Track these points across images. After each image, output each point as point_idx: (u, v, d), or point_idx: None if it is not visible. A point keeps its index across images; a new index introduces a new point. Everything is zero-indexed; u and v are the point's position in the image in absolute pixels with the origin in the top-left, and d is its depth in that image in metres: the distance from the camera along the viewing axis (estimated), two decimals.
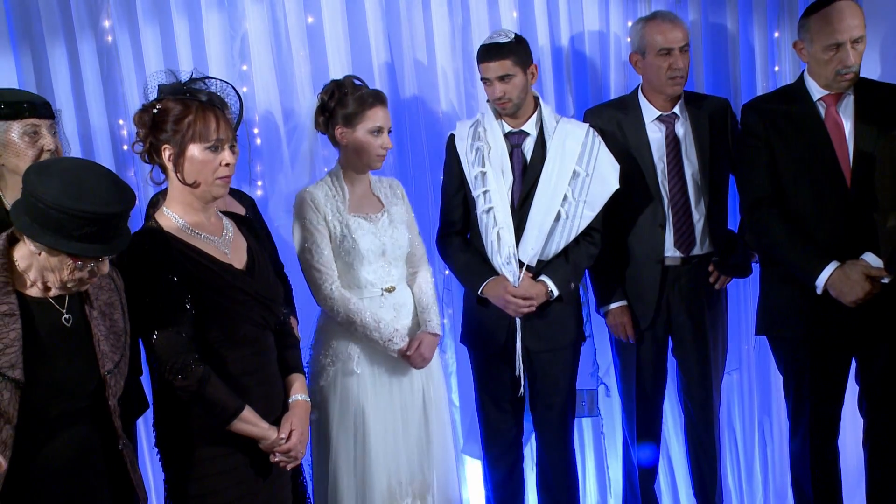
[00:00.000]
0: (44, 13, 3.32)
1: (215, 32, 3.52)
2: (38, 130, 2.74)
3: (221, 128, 2.53)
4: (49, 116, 2.78)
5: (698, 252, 3.62)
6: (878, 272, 3.19)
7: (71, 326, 2.28)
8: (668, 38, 3.51)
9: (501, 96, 3.39)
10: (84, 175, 2.17)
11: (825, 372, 3.41)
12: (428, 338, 3.26)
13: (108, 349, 2.32)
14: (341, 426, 3.17)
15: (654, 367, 3.70)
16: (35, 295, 2.25)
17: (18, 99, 2.74)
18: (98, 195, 2.14)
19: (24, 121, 2.71)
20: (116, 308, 2.39)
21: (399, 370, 3.25)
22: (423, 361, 3.24)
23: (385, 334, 3.16)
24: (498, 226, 3.40)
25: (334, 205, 3.19)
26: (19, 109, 2.71)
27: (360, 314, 3.14)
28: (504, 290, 3.39)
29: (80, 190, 2.13)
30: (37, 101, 2.78)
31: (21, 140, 2.71)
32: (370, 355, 3.21)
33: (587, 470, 4.10)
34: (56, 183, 2.13)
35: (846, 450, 3.77)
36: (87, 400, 2.29)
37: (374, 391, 3.20)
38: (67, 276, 2.21)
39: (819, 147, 3.31)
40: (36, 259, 2.21)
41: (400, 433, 3.24)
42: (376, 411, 3.19)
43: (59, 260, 2.19)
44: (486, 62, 3.38)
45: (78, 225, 2.13)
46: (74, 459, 2.28)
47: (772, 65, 4.12)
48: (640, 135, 3.60)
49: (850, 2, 3.28)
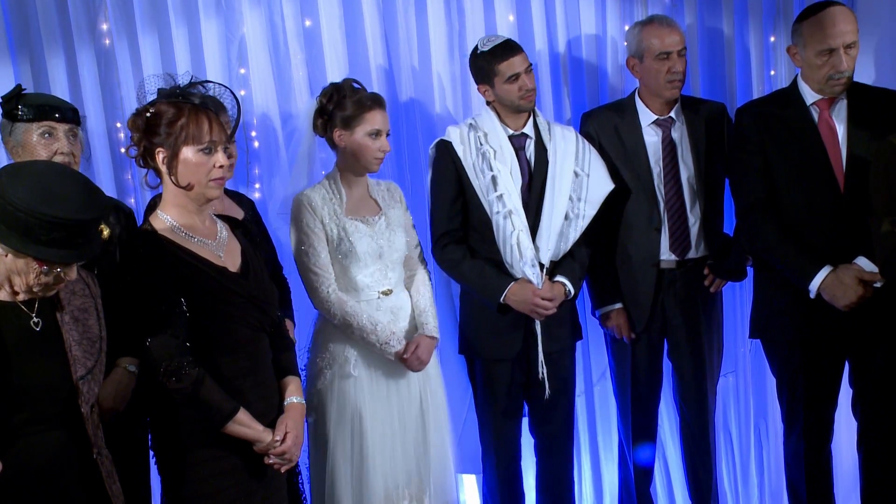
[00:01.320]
0: (42, 18, 3.33)
1: (213, 36, 3.53)
2: (55, 133, 2.80)
3: (214, 130, 2.54)
4: (70, 121, 2.84)
5: (693, 255, 3.63)
6: (872, 276, 3.20)
7: (40, 331, 2.25)
8: (665, 42, 3.52)
9: (532, 87, 3.43)
10: (56, 180, 2.15)
11: (819, 375, 3.42)
12: (425, 341, 3.26)
13: (81, 355, 2.30)
14: (339, 429, 3.18)
15: (650, 369, 3.71)
16: (3, 299, 2.23)
17: (41, 102, 2.82)
18: (68, 201, 2.12)
19: (42, 123, 2.79)
20: (91, 314, 2.37)
21: (396, 373, 3.25)
22: (420, 364, 3.24)
23: (382, 337, 3.17)
24: (517, 229, 3.39)
25: (331, 207, 3.20)
26: (40, 112, 2.78)
27: (356, 317, 3.15)
28: (532, 294, 3.38)
29: (51, 194, 2.11)
30: (61, 105, 2.86)
31: (38, 142, 2.79)
32: (367, 358, 3.21)
33: (583, 473, 4.11)
34: (27, 186, 2.11)
35: (840, 453, 3.78)
36: (58, 406, 2.25)
37: (371, 394, 3.21)
38: (34, 281, 2.19)
39: (812, 151, 3.32)
40: (3, 261, 2.18)
41: (397, 436, 3.24)
42: (373, 414, 3.20)
43: (26, 263, 2.16)
44: (511, 57, 3.39)
45: (46, 230, 2.10)
46: (47, 467, 2.23)
47: (767, 69, 4.13)
48: (637, 138, 3.62)
49: (843, 7, 3.30)
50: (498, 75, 3.39)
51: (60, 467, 2.26)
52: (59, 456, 2.26)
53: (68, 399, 2.26)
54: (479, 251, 3.48)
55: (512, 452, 3.61)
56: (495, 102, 3.48)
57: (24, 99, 2.81)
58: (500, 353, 3.50)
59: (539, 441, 3.66)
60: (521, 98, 3.41)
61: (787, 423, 3.54)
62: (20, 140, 2.79)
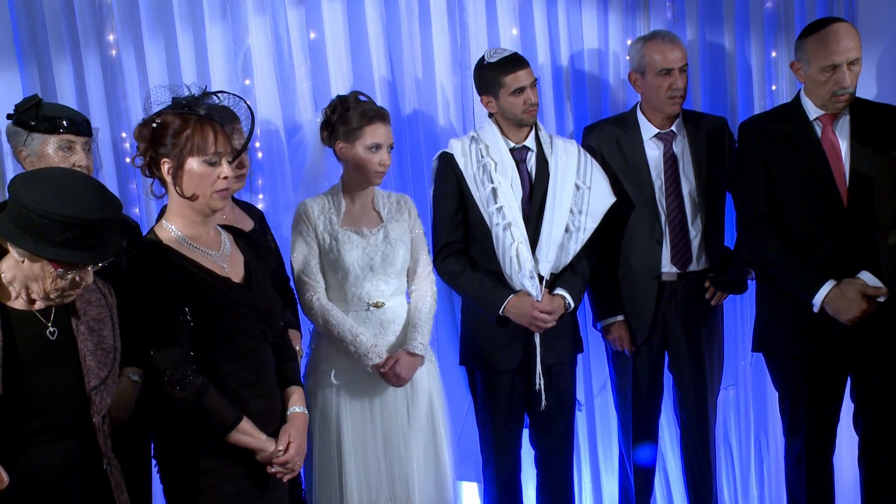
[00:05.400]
0: (49, 26, 3.35)
1: (219, 47, 3.55)
2: (73, 147, 2.84)
3: (220, 141, 2.55)
4: (86, 134, 2.87)
5: (695, 268, 3.64)
6: (875, 290, 3.22)
7: (55, 340, 2.25)
8: (667, 58, 3.54)
9: (536, 102, 3.44)
10: (68, 182, 2.16)
11: (821, 389, 3.43)
12: (405, 357, 3.22)
13: (95, 365, 2.29)
14: (322, 437, 3.20)
15: (651, 381, 3.71)
16: (19, 307, 2.24)
17: (58, 114, 2.84)
18: (81, 201, 2.13)
19: (61, 136, 2.81)
20: (106, 324, 2.37)
21: (381, 385, 3.24)
22: (399, 380, 3.21)
23: (361, 349, 3.15)
24: (516, 241, 3.40)
25: (327, 217, 3.22)
26: (57, 124, 2.80)
27: (337, 326, 3.15)
28: (531, 307, 3.39)
29: (63, 195, 2.12)
30: (77, 118, 2.88)
31: (55, 154, 2.81)
32: (352, 368, 3.21)
33: (584, 484, 4.10)
34: (39, 188, 2.12)
35: (842, 466, 3.77)
36: (70, 416, 2.25)
37: (350, 405, 3.21)
38: (50, 286, 2.18)
39: (815, 166, 3.34)
40: (20, 268, 2.19)
41: (380, 449, 3.23)
42: (352, 424, 3.20)
43: (41, 267, 2.16)
44: (517, 70, 3.40)
45: (59, 230, 2.10)
46: (56, 476, 2.23)
47: (769, 84, 4.14)
48: (639, 152, 3.63)
49: (846, 24, 3.32)
50: (503, 87, 3.41)
51: (70, 477, 2.26)
52: (69, 465, 2.26)
53: (80, 409, 2.26)
54: (479, 262, 3.49)
55: (512, 463, 3.61)
56: (497, 115, 3.50)
57: (42, 110, 2.82)
58: (500, 365, 3.51)
59: (539, 453, 3.66)
60: (524, 112, 3.43)
61: (789, 437, 3.55)
62: (36, 150, 2.80)
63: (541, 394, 3.48)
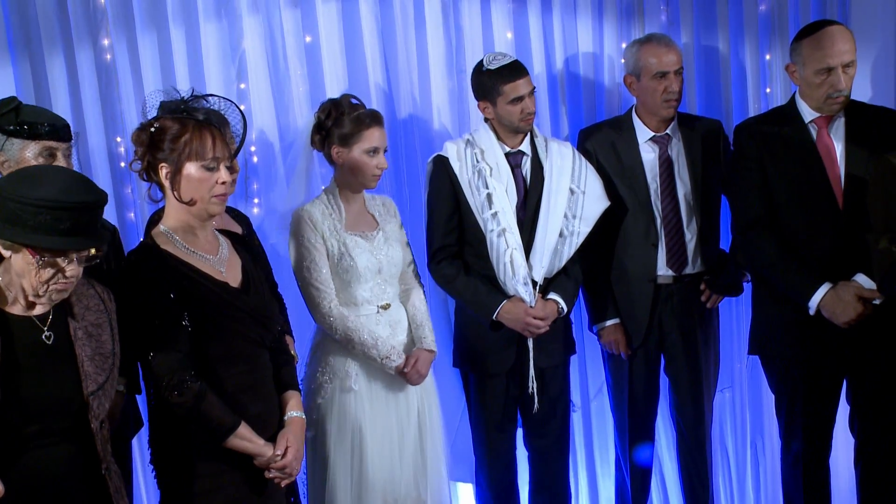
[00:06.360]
0: (43, 25, 3.32)
1: (214, 51, 3.53)
2: (54, 153, 2.77)
3: (218, 146, 2.54)
4: (67, 139, 2.81)
5: (690, 271, 3.65)
6: (871, 293, 3.22)
7: (52, 344, 2.25)
8: (662, 61, 3.54)
9: (533, 111, 3.44)
10: (47, 170, 2.16)
11: (817, 392, 3.43)
12: (424, 354, 3.28)
13: (93, 370, 2.29)
14: (339, 443, 3.18)
15: (646, 384, 3.72)
16: (17, 312, 2.23)
17: (39, 119, 2.76)
18: (56, 185, 2.11)
19: (41, 142, 2.74)
20: (105, 329, 2.36)
21: (396, 387, 3.26)
22: (420, 378, 3.26)
23: (382, 352, 3.18)
24: (511, 247, 3.40)
25: (331, 223, 3.21)
26: (38, 130, 2.73)
27: (358, 332, 3.16)
28: (525, 312, 3.39)
29: (39, 180, 2.11)
30: (57, 122, 2.81)
31: (35, 161, 2.73)
32: (367, 372, 3.22)
33: (580, 487, 4.11)
34: (16, 176, 2.13)
35: (838, 469, 3.78)
36: (68, 420, 2.25)
37: (371, 408, 3.22)
38: (35, 279, 2.17)
39: (811, 169, 3.34)
40: (10, 267, 2.18)
41: (396, 450, 3.24)
42: (373, 428, 3.20)
43: (23, 258, 2.15)
44: (517, 79, 3.38)
45: (31, 213, 2.09)
46: (55, 481, 2.23)
47: (763, 86, 4.16)
48: (634, 155, 3.64)
49: (841, 26, 3.34)
50: (501, 95, 3.40)
51: (69, 481, 2.26)
52: (68, 470, 2.25)
53: (79, 414, 2.26)
54: (473, 266, 3.49)
55: (506, 464, 3.61)
56: (493, 120, 3.49)
57: (22, 114, 2.76)
58: (493, 368, 3.51)
59: (532, 454, 3.67)
60: (521, 120, 3.43)
61: (785, 439, 3.55)
62: (15, 156, 2.73)
63: (533, 397, 3.49)
